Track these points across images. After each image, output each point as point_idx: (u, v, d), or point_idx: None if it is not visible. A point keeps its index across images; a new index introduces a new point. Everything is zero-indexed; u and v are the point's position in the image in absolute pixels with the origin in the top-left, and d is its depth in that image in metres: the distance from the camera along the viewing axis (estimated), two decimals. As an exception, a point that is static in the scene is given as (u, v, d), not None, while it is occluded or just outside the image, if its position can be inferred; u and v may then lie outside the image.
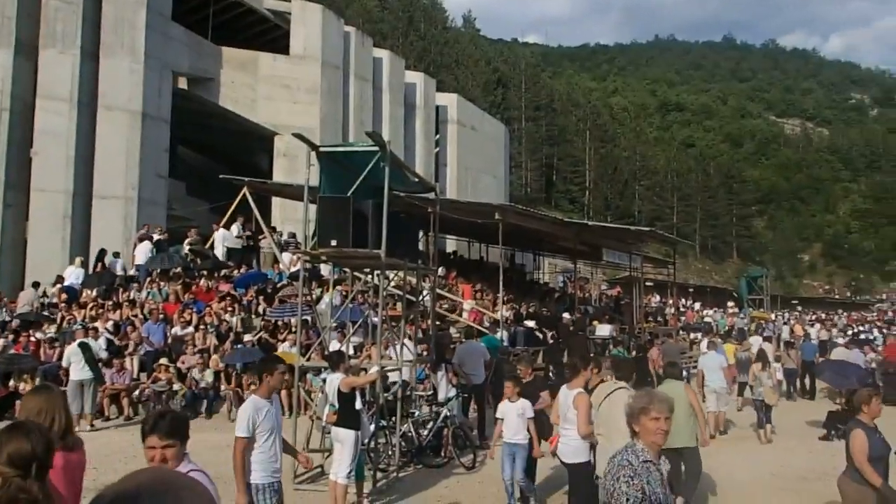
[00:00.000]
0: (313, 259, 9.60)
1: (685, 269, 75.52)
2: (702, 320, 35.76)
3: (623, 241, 23.88)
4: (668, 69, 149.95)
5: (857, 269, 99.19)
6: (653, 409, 3.38)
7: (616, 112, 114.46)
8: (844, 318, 52.11)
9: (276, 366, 5.21)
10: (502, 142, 37.82)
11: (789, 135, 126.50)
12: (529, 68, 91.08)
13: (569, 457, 6.49)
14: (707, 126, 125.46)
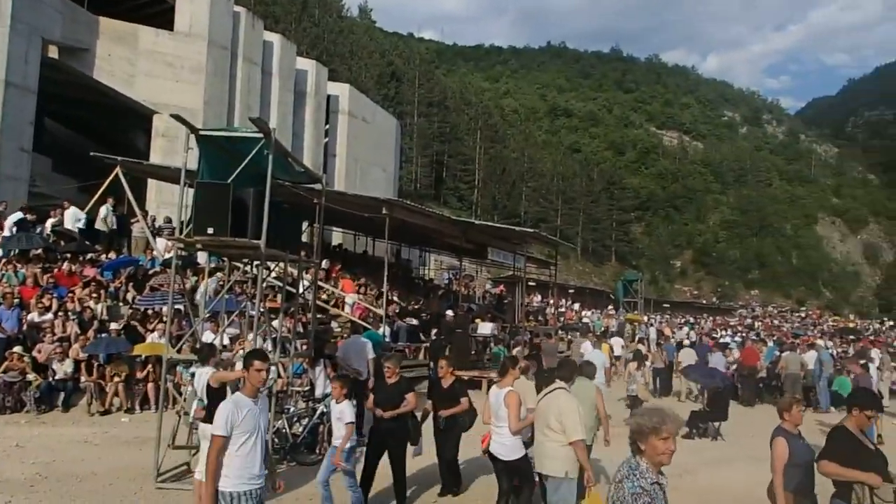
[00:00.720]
0: (188, 247, 9.10)
1: (567, 270, 77.80)
2: (580, 320, 36.91)
3: (508, 241, 24.21)
4: (559, 75, 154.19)
5: (723, 277, 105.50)
6: (664, 429, 3.29)
7: (507, 113, 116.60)
8: (710, 321, 55.17)
9: (252, 361, 4.69)
10: (394, 136, 37.62)
11: (667, 146, 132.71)
12: (424, 64, 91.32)
13: (506, 454, 6.75)
14: (593, 133, 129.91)
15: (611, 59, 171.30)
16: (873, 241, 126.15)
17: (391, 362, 8.11)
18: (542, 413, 6.23)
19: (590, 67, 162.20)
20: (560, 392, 6.27)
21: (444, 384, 8.00)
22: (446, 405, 7.83)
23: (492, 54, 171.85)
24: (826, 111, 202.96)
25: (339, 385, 7.18)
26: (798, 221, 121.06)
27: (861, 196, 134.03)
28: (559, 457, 5.96)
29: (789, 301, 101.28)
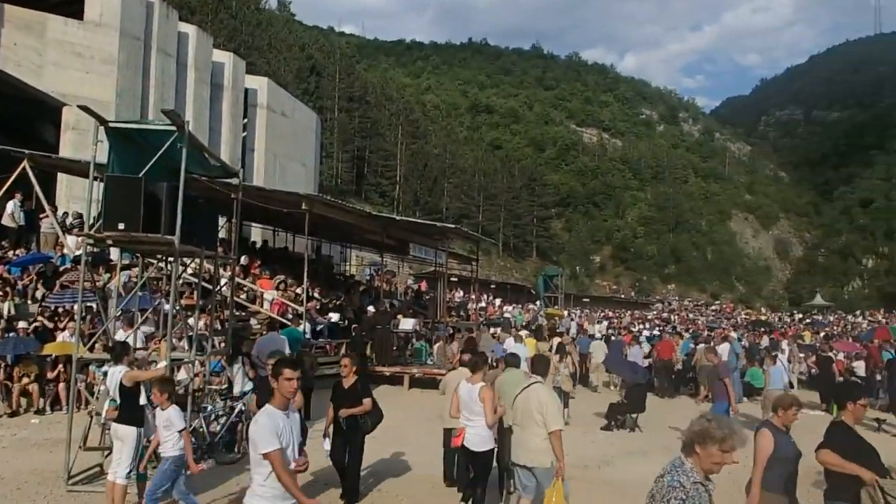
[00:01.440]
0: (98, 242, 8.85)
1: (488, 266, 78.61)
2: (501, 316, 37.43)
3: (430, 237, 24.38)
4: (480, 72, 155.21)
5: (641, 271, 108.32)
6: (729, 443, 3.29)
7: (428, 109, 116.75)
8: (629, 315, 56.73)
9: (281, 369, 4.42)
10: (314, 130, 37.22)
11: (587, 143, 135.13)
12: (345, 58, 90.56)
13: (477, 446, 7.12)
14: (514, 129, 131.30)
15: (531, 56, 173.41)
16: (783, 236, 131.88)
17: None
18: (522, 407, 6.58)
19: (511, 64, 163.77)
20: (538, 386, 6.70)
21: (346, 383, 7.78)
22: (348, 405, 7.61)
23: (413, 50, 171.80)
24: (740, 110, 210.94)
25: (158, 390, 6.57)
26: (713, 217, 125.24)
27: (772, 193, 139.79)
28: (543, 448, 6.37)
29: (704, 295, 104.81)
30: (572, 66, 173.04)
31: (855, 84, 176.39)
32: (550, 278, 53.65)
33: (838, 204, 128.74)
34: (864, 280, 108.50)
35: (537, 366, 7.37)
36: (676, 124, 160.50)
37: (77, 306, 9.01)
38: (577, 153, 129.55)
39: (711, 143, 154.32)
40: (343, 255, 32.22)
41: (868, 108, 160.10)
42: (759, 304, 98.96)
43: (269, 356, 8.01)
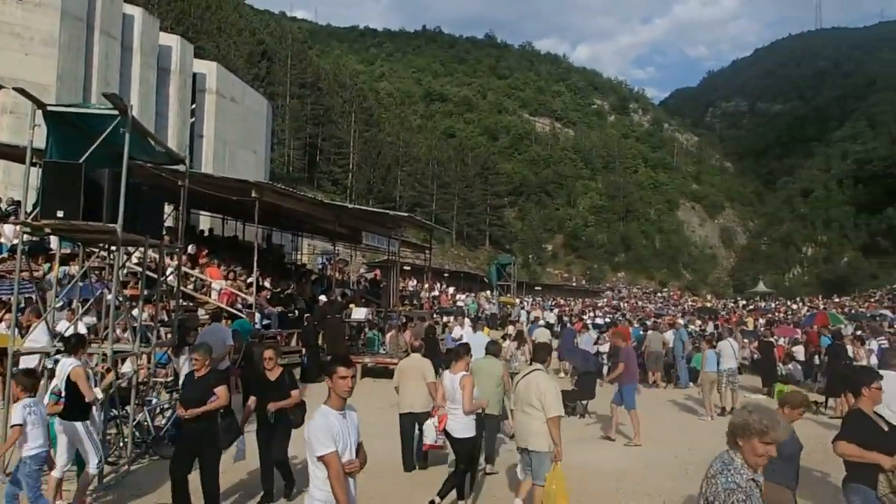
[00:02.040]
0: (36, 231, 8.52)
1: (442, 254, 78.62)
2: (455, 304, 37.47)
3: (382, 226, 24.19)
4: (434, 60, 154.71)
5: (591, 260, 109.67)
6: (770, 434, 3.23)
7: (382, 97, 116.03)
8: (580, 303, 57.39)
9: (335, 367, 4.27)
10: (264, 117, 36.63)
11: (540, 132, 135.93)
12: (297, 44, 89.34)
13: (459, 432, 7.41)
14: (467, 118, 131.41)
15: (485, 45, 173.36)
16: (729, 225, 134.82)
17: (198, 353, 7.03)
18: (522, 393, 6.90)
19: (464, 53, 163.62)
20: (538, 373, 6.99)
21: (272, 376, 7.49)
22: (275, 399, 7.34)
23: (367, 37, 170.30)
24: (688, 101, 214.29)
25: (15, 383, 6.28)
26: (661, 207, 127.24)
27: (718, 183, 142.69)
28: (543, 433, 6.67)
29: (653, 282, 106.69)
30: (526, 55, 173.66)
31: (797, 77, 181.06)
32: (503, 267, 53.63)
33: (780, 194, 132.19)
34: (804, 267, 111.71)
35: (538, 353, 7.67)
36: (627, 115, 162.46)
37: (14, 297, 8.66)
38: (530, 142, 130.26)
39: (660, 134, 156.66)
40: (295, 244, 31.82)
41: (809, 101, 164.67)
42: (705, 291, 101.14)
43: (194, 349, 7.37)
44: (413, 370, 9.29)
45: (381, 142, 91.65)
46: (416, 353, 9.83)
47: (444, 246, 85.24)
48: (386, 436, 11.05)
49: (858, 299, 70.22)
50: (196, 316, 14.29)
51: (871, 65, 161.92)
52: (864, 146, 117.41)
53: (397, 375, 9.64)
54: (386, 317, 22.78)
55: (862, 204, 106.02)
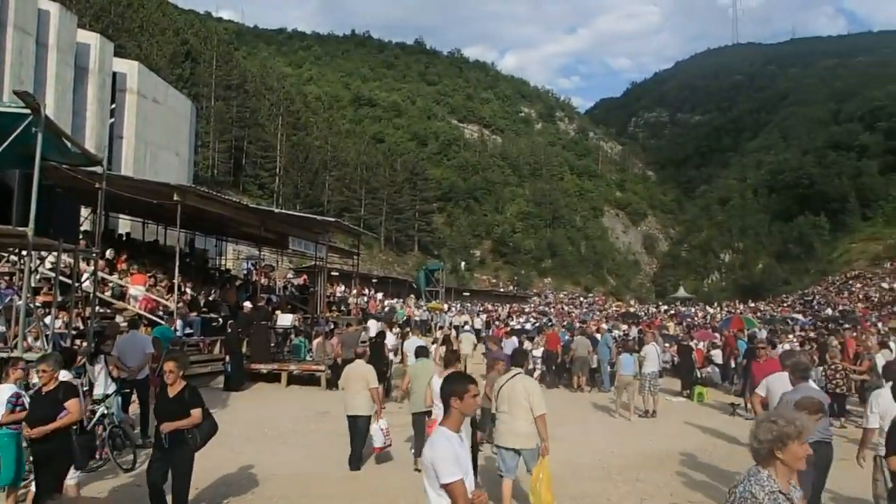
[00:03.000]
0: (-62, 234, 8.06)
1: (370, 260, 78.18)
2: (383, 310, 37.28)
3: (310, 230, 23.90)
4: (363, 64, 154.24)
5: (519, 265, 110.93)
6: (805, 434, 3.09)
7: (310, 101, 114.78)
8: (507, 308, 57.89)
9: (466, 386, 3.96)
10: (188, 118, 35.70)
11: (468, 139, 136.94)
12: (222, 45, 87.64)
13: None
14: (396, 124, 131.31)
15: (414, 50, 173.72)
16: (651, 232, 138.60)
17: (45, 364, 6.40)
18: (508, 396, 7.21)
19: (394, 58, 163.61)
20: (521, 376, 7.36)
21: (172, 392, 6.58)
22: (174, 417, 6.42)
23: (294, 39, 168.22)
24: (612, 111, 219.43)
25: None
26: (586, 213, 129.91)
27: (641, 191, 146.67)
28: (530, 432, 7.05)
29: (578, 288, 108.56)
30: (454, 62, 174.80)
31: (714, 90, 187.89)
32: (432, 272, 53.83)
33: (699, 202, 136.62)
34: (722, 273, 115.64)
35: (517, 357, 8.16)
36: (553, 123, 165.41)
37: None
38: (459, 148, 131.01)
39: (586, 142, 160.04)
40: (219, 249, 31.07)
41: (726, 113, 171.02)
42: (629, 296, 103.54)
43: (40, 360, 6.58)
44: (357, 376, 9.74)
45: (309, 146, 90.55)
46: (361, 360, 10.21)
47: (373, 251, 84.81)
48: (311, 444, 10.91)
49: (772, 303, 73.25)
50: (115, 324, 13.77)
51: (782, 79, 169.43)
52: (777, 157, 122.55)
53: (343, 380, 10.12)
54: (313, 323, 22.49)
55: (775, 212, 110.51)
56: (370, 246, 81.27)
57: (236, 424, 12.35)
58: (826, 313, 51.52)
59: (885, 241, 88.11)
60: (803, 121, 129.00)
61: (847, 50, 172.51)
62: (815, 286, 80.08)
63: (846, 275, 79.19)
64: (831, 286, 75.30)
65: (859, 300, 59.30)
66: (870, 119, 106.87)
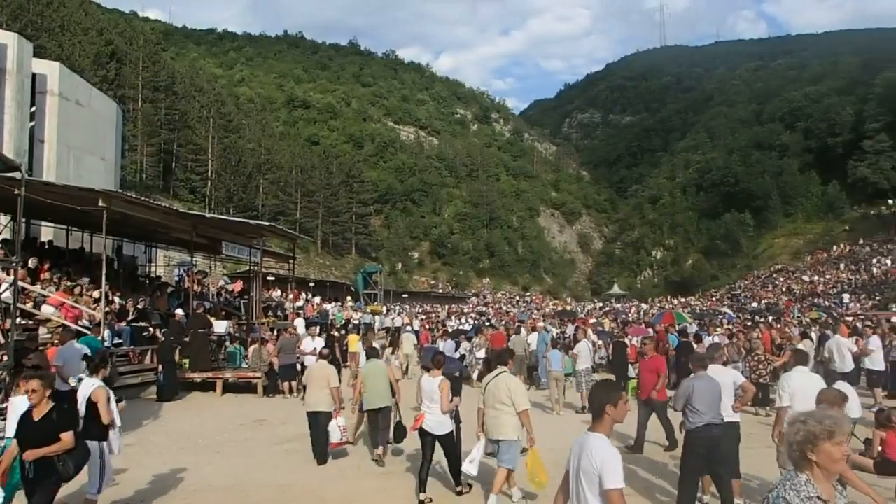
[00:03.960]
0: None
1: (307, 263, 77.42)
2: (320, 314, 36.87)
3: (243, 235, 23.42)
4: (296, 66, 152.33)
5: (457, 266, 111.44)
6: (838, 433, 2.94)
7: (242, 102, 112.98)
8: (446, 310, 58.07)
9: (621, 394, 4.03)
10: (114, 121, 34.54)
11: (405, 141, 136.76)
12: (149, 45, 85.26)
13: (437, 429, 8.28)
14: (332, 126, 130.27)
15: (348, 52, 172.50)
16: (586, 231, 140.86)
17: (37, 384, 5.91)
18: (492, 392, 7.86)
19: (328, 59, 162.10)
20: (504, 375, 7.97)
21: (37, 414, 5.82)
22: (36, 444, 5.69)
23: (225, 40, 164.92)
24: (546, 112, 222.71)
25: None
26: (523, 214, 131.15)
27: (575, 190, 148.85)
28: (512, 425, 7.73)
29: (516, 287, 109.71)
30: (389, 63, 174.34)
31: (644, 91, 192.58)
32: (370, 275, 53.64)
33: (631, 201, 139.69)
34: (654, 270, 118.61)
35: (503, 356, 8.64)
36: (489, 124, 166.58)
37: None
38: (395, 150, 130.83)
39: (521, 143, 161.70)
40: (148, 255, 30.18)
41: (655, 114, 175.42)
42: (566, 294, 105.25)
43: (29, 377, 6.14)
44: (320, 375, 10.56)
45: (242, 149, 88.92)
46: (324, 360, 11.05)
47: (310, 255, 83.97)
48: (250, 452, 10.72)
49: (701, 298, 75.49)
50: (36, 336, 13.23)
51: (708, 81, 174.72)
52: (704, 156, 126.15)
53: (306, 378, 11.15)
54: (249, 329, 22.08)
55: (703, 210, 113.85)
56: (307, 249, 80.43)
57: (170, 435, 12.06)
58: (752, 306, 53.37)
59: (806, 236, 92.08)
60: (728, 121, 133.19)
61: (768, 53, 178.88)
62: (742, 280, 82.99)
63: (770, 269, 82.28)
64: (756, 280, 78.08)
65: (783, 293, 61.63)
66: (790, 119, 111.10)
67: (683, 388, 7.59)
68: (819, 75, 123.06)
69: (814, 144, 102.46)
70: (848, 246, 74.89)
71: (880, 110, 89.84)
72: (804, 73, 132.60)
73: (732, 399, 8.09)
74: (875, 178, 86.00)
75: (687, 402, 7.36)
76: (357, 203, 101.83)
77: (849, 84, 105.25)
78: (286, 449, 11.39)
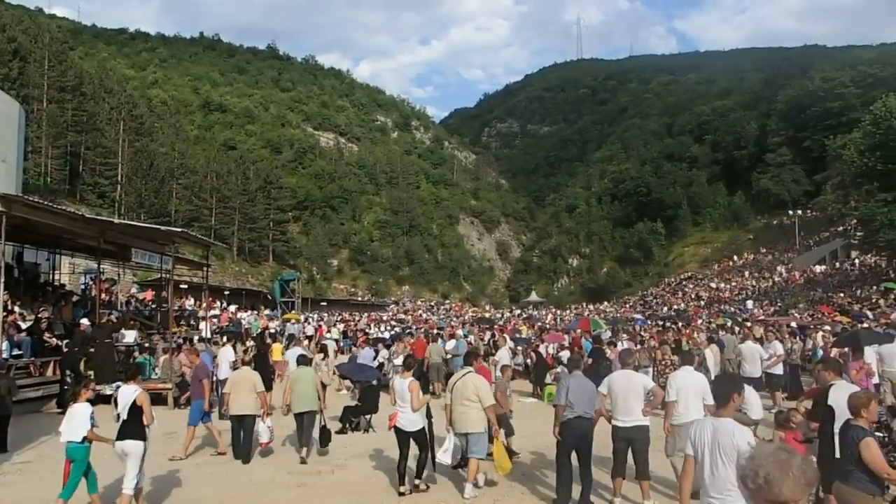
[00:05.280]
0: None
1: (222, 271, 75.62)
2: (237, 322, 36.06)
3: (154, 242, 22.76)
4: (213, 69, 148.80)
5: (377, 274, 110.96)
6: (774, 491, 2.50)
7: (155, 105, 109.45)
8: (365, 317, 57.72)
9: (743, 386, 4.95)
10: (16, 122, 32.78)
11: (324, 147, 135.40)
12: (56, 44, 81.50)
13: (409, 426, 8.95)
14: (249, 130, 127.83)
15: (267, 56, 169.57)
16: (504, 239, 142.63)
17: None
18: (461, 390, 8.74)
19: (245, 63, 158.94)
20: (471, 374, 8.93)
21: None
22: None
23: (137, 40, 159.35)
24: (466, 121, 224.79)
25: None
26: (442, 221, 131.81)
27: (494, 199, 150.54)
28: (479, 419, 8.66)
29: (436, 295, 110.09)
30: (309, 69, 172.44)
31: (561, 102, 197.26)
32: (287, 283, 52.89)
33: (549, 209, 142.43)
34: (570, 277, 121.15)
35: (467, 357, 9.82)
36: (409, 132, 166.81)
37: None
38: (314, 156, 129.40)
39: (441, 151, 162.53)
40: (52, 263, 28.88)
41: (572, 125, 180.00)
42: (484, 301, 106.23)
43: None
44: (245, 381, 11.28)
45: (155, 152, 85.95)
46: (248, 367, 11.81)
47: (225, 262, 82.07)
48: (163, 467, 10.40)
49: (615, 305, 77.56)
50: None
51: (622, 94, 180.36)
52: (619, 167, 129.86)
53: (229, 385, 11.60)
54: (160, 339, 21.40)
55: (617, 219, 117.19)
56: (222, 257, 78.60)
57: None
58: (663, 312, 55.12)
59: (713, 244, 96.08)
60: (641, 133, 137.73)
61: (678, 68, 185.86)
62: (654, 287, 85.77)
63: (680, 276, 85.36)
64: (667, 287, 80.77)
65: (692, 299, 63.91)
66: (698, 132, 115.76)
67: (562, 384, 8.76)
68: (726, 90, 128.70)
69: (721, 157, 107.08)
70: (752, 254, 78.54)
71: (782, 125, 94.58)
72: (712, 88, 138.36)
73: (643, 403, 8.40)
74: (777, 190, 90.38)
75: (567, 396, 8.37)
76: (275, 209, 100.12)
77: (753, 99, 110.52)
78: (197, 462, 11.11)
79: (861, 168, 43.49)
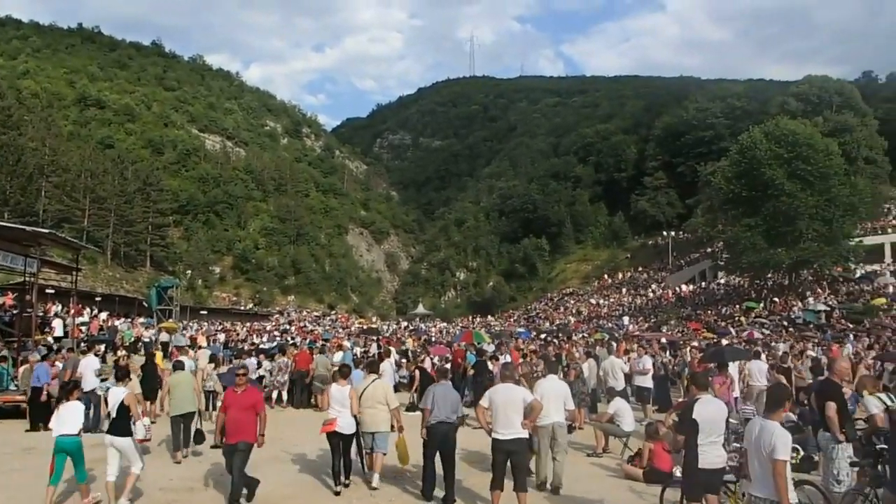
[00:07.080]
0: None
1: (94, 276, 71.81)
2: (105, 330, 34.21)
3: (17, 243, 21.19)
4: (91, 62, 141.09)
5: (261, 283, 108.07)
6: None
7: (25, 97, 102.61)
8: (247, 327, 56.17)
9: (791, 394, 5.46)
10: None
11: (210, 150, 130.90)
12: (-87, 26, 75.35)
13: (347, 429, 9.94)
14: (128, 129, 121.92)
15: (151, 52, 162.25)
16: (393, 250, 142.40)
17: None
18: (371, 395, 10.13)
19: (127, 58, 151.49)
20: (379, 381, 10.60)
21: None
22: None
23: (8, 27, 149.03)
24: (358, 131, 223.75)
25: None
26: (331, 231, 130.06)
27: (384, 210, 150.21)
28: (387, 420, 10.18)
29: (322, 305, 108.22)
30: (196, 68, 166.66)
31: (453, 117, 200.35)
32: (165, 290, 50.53)
33: (438, 223, 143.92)
34: (457, 290, 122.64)
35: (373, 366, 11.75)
36: (300, 139, 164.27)
37: None
38: (199, 159, 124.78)
39: (332, 160, 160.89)
40: None
41: (463, 140, 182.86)
42: (371, 313, 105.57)
43: None
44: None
45: (23, 147, 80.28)
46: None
47: (97, 266, 77.87)
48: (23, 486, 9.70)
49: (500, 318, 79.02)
50: None
51: (512, 112, 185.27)
52: (507, 183, 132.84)
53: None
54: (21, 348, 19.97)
55: (504, 234, 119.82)
56: (94, 261, 74.59)
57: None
58: (545, 326, 56.62)
59: (594, 261, 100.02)
60: (529, 151, 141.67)
61: (565, 90, 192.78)
62: (537, 302, 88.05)
63: (562, 292, 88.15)
64: (550, 302, 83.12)
65: (573, 314, 65.98)
66: (583, 153, 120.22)
67: (428, 392, 9.78)
68: (609, 115, 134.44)
69: (603, 178, 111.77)
70: (629, 272, 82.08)
71: (658, 150, 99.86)
72: (597, 112, 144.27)
73: (522, 416, 8.55)
74: (653, 212, 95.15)
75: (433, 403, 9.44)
76: (154, 213, 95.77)
77: (633, 125, 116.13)
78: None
79: (728, 194, 46.15)
